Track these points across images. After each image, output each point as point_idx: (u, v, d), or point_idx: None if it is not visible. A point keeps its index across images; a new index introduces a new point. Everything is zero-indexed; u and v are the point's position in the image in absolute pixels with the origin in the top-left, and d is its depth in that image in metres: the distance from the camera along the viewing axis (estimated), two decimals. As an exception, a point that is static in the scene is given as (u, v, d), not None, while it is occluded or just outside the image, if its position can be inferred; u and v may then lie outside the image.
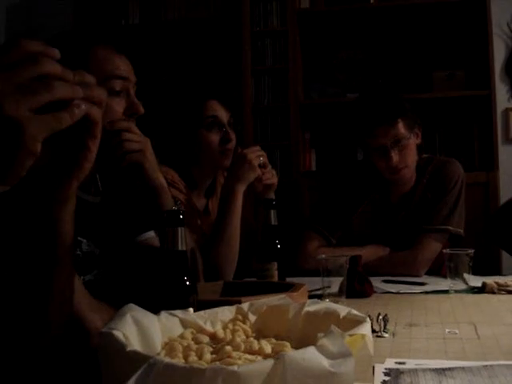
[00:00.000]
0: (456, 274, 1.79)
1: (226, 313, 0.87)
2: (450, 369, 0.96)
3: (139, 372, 0.59)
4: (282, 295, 0.91)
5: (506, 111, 3.96)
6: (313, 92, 4.19)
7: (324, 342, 0.63)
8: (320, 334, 0.66)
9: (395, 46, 4.13)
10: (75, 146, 0.81)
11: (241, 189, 1.85)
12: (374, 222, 2.33)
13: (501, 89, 3.95)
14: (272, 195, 1.98)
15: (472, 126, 4.03)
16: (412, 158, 2.26)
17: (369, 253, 2.13)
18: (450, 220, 2.24)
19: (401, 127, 2.19)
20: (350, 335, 0.70)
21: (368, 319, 0.77)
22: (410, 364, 1.01)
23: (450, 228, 2.23)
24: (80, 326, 1.07)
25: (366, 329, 0.74)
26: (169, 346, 0.75)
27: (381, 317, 1.28)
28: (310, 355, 0.60)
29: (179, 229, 0.99)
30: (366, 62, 4.18)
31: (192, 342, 0.77)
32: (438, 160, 2.42)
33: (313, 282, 1.67)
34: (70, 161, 0.83)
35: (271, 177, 1.95)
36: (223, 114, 2.04)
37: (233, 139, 2.04)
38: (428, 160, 2.39)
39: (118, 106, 1.32)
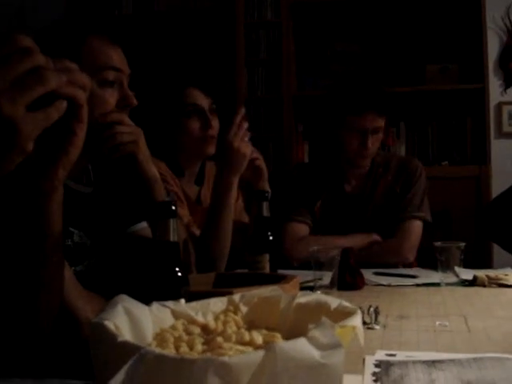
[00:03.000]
0: (447, 267, 1.80)
1: (218, 304, 0.87)
2: (440, 361, 0.96)
3: (130, 362, 0.59)
4: (274, 287, 0.91)
5: (499, 105, 3.96)
6: (306, 84, 4.18)
7: (315, 333, 0.63)
8: (311, 326, 0.66)
9: (389, 38, 4.12)
10: (61, 132, 0.81)
11: (235, 180, 1.84)
12: (332, 213, 2.37)
13: (494, 82, 3.95)
14: (266, 187, 1.98)
15: (465, 119, 4.03)
16: (376, 150, 2.39)
17: (357, 241, 2.17)
18: (422, 207, 2.36)
19: (382, 121, 2.31)
20: (341, 327, 0.70)
21: (359, 311, 0.77)
22: (401, 356, 1.01)
23: (423, 214, 2.35)
24: (71, 317, 1.06)
25: (356, 320, 0.74)
26: (160, 337, 0.75)
27: (372, 309, 1.29)
28: (301, 346, 0.60)
29: (171, 220, 0.99)
30: (360, 55, 4.18)
31: (183, 333, 0.77)
32: (399, 158, 2.60)
33: (304, 275, 1.67)
34: (56, 148, 0.82)
35: (259, 156, 1.95)
36: (203, 102, 2.04)
37: (214, 126, 2.04)
38: (386, 155, 2.55)
39: (111, 97, 1.31)
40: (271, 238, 1.61)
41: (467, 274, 1.80)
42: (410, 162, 2.49)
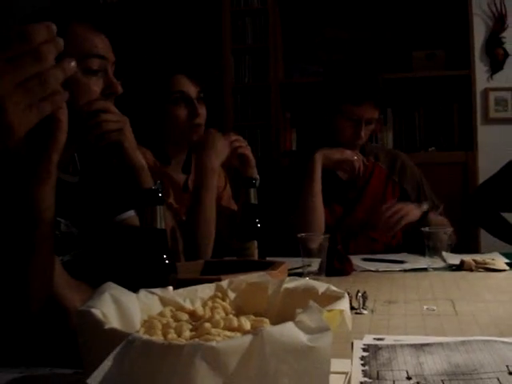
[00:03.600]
0: (434, 252, 1.81)
1: (206, 290, 0.87)
2: (428, 344, 0.97)
3: (118, 349, 0.59)
4: (262, 273, 0.91)
5: (486, 91, 3.98)
6: (293, 71, 4.18)
7: (302, 317, 0.63)
8: (298, 310, 0.66)
9: (375, 25, 4.12)
10: (45, 120, 0.81)
11: (217, 166, 1.84)
12: (329, 201, 2.30)
13: (480, 68, 3.96)
14: (255, 174, 1.98)
15: (451, 105, 4.05)
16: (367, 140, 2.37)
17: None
18: (437, 198, 2.38)
19: (377, 112, 2.28)
20: (329, 311, 0.70)
21: (346, 295, 0.77)
22: (389, 340, 1.02)
23: (442, 205, 2.34)
24: (59, 306, 1.06)
25: (344, 304, 0.74)
26: (148, 324, 0.75)
27: (360, 294, 1.29)
28: (289, 330, 0.60)
29: (158, 207, 0.98)
30: (347, 42, 4.17)
31: (171, 320, 0.77)
32: (386, 150, 2.59)
33: (293, 262, 1.67)
34: (45, 135, 0.82)
35: (242, 144, 1.95)
36: (191, 89, 2.01)
37: (201, 113, 2.01)
38: (373, 146, 2.55)
39: (96, 85, 1.30)
40: (259, 225, 1.61)
41: (454, 259, 1.82)
42: (400, 154, 2.50)
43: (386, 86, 2.34)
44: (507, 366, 0.85)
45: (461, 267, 1.78)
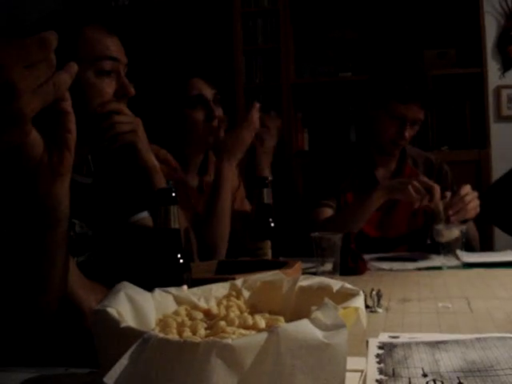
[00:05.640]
0: (449, 250, 1.81)
1: (220, 289, 0.87)
2: (443, 342, 0.97)
3: (133, 347, 0.59)
4: (276, 271, 0.91)
5: (498, 89, 3.96)
6: (305, 71, 4.18)
7: (317, 314, 0.63)
8: (313, 307, 0.66)
9: (386, 24, 4.11)
10: (54, 116, 0.82)
11: (233, 163, 1.85)
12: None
13: (492, 66, 3.94)
14: (268, 174, 1.98)
15: (464, 103, 4.03)
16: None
17: (373, 200, 2.14)
18: None
19: (423, 114, 2.25)
20: (344, 308, 0.70)
21: (361, 292, 0.77)
22: (404, 338, 1.01)
23: None
24: (74, 307, 1.07)
25: (359, 302, 0.74)
26: (163, 323, 0.75)
27: (374, 292, 1.29)
28: (304, 327, 0.60)
29: (171, 207, 0.99)
30: (358, 41, 4.17)
31: (186, 319, 0.77)
32: (424, 155, 2.48)
33: (307, 261, 1.67)
34: (57, 130, 0.83)
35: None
36: (208, 92, 2.02)
37: (218, 115, 2.02)
38: (414, 149, 2.47)
39: (109, 87, 1.31)
40: (273, 224, 1.61)
41: (469, 257, 1.81)
42: (436, 161, 2.45)
43: (434, 87, 2.28)
44: (524, 363, 0.84)
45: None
